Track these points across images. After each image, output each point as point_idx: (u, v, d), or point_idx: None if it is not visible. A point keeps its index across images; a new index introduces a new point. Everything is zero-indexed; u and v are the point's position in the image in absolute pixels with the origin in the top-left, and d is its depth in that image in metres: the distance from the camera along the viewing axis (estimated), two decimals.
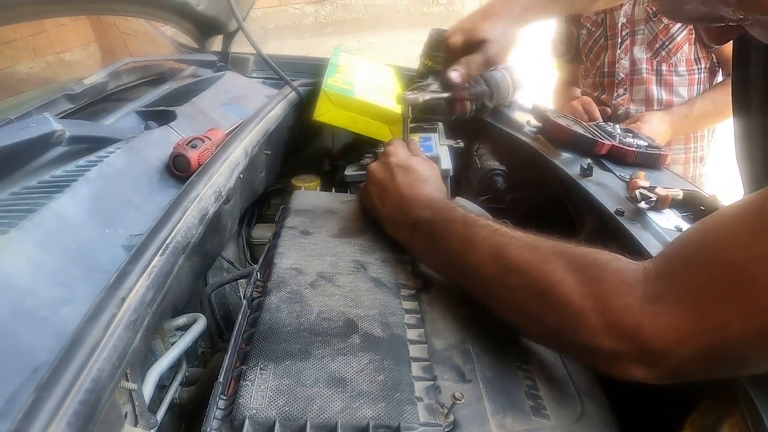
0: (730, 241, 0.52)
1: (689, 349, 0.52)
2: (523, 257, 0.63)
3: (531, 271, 0.61)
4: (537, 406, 0.58)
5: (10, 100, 1.11)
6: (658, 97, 1.76)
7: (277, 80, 1.45)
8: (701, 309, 0.51)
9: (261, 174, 1.16)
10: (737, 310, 0.49)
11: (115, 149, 0.82)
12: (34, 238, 0.60)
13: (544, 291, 0.59)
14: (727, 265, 0.51)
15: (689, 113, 1.73)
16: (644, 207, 0.90)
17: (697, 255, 0.55)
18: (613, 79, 1.80)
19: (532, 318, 0.61)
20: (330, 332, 0.62)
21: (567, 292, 0.58)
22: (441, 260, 0.75)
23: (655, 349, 0.53)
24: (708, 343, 0.51)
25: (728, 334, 0.50)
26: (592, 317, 0.55)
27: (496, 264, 0.65)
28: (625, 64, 1.76)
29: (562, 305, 0.58)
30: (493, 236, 0.68)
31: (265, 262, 0.79)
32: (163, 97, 1.18)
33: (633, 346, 0.54)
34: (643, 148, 1.13)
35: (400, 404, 0.53)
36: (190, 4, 1.40)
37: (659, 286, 0.54)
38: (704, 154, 1.88)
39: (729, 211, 0.57)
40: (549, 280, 0.59)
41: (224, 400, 0.54)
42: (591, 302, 0.56)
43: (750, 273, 0.49)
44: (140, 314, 0.54)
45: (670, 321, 0.52)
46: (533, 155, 1.21)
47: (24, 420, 0.40)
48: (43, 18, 1.22)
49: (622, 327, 0.54)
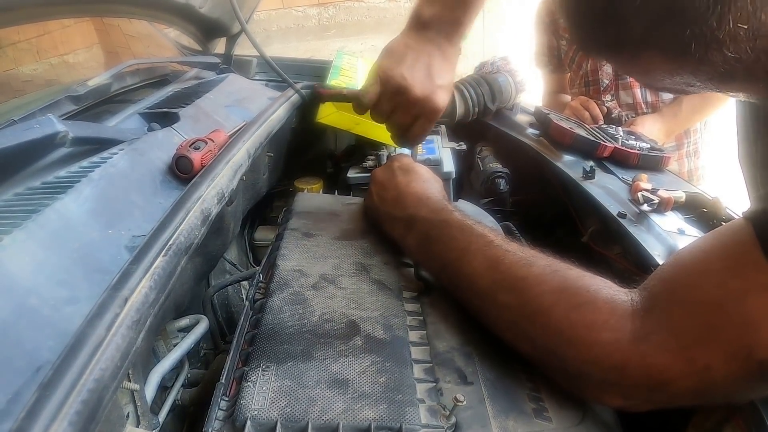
0: (705, 278, 0.53)
1: (677, 388, 0.53)
2: (517, 274, 0.63)
3: (524, 291, 0.61)
4: (539, 408, 0.58)
5: (14, 101, 1.12)
6: (645, 99, 1.76)
7: (280, 83, 1.45)
8: (685, 352, 0.52)
9: (264, 176, 1.16)
10: (718, 352, 0.50)
11: (118, 150, 0.83)
12: (37, 238, 0.60)
13: (535, 314, 0.60)
14: (704, 305, 0.52)
15: (678, 111, 1.74)
16: (647, 209, 0.90)
17: (677, 292, 0.55)
18: (599, 86, 1.81)
19: (522, 338, 0.62)
20: (332, 334, 0.62)
21: (558, 318, 0.58)
22: (435, 264, 0.75)
23: (643, 385, 0.54)
24: (694, 384, 0.52)
25: (713, 376, 0.51)
26: (582, 348, 0.56)
27: (489, 278, 0.65)
28: (608, 69, 1.78)
29: (552, 332, 0.58)
30: (488, 248, 0.68)
31: (267, 264, 0.79)
32: (166, 98, 1.19)
33: (621, 380, 0.55)
34: (646, 151, 1.13)
35: (402, 406, 0.53)
36: (194, 7, 1.41)
37: (646, 326, 0.54)
38: (698, 147, 1.89)
39: (704, 245, 0.57)
40: (541, 303, 0.60)
41: (226, 401, 0.54)
42: (582, 332, 0.56)
43: (725, 312, 0.50)
44: (143, 314, 0.54)
45: (657, 362, 0.53)
46: (536, 158, 1.21)
47: (26, 419, 0.40)
48: (47, 20, 1.22)
49: (611, 362, 0.54)
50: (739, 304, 0.49)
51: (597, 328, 0.56)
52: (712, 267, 0.53)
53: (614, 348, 0.54)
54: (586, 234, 0.99)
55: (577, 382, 0.58)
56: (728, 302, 0.50)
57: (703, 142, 1.89)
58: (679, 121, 1.75)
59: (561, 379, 0.59)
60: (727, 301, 0.50)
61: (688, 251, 0.58)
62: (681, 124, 1.78)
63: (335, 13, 5.35)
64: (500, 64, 1.45)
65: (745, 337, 0.49)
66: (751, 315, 0.49)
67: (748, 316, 0.49)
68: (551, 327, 0.58)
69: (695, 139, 1.87)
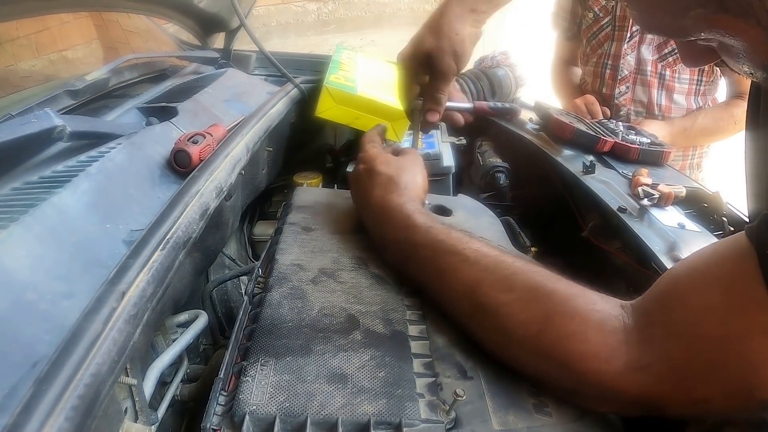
0: (706, 315, 0.51)
1: (675, 411, 0.53)
2: (498, 300, 0.60)
3: (508, 317, 0.59)
4: (539, 403, 0.57)
5: (12, 96, 1.11)
6: (659, 101, 1.73)
7: (279, 77, 1.45)
8: (684, 383, 0.51)
9: (263, 171, 1.16)
10: (717, 388, 0.50)
11: (116, 145, 0.82)
12: (34, 232, 0.60)
13: (524, 340, 0.58)
14: (704, 341, 0.51)
15: (689, 128, 1.71)
16: (647, 204, 0.90)
17: (677, 325, 0.53)
18: (617, 73, 1.75)
19: (513, 359, 0.60)
20: (331, 328, 0.62)
21: (547, 345, 0.57)
22: (415, 282, 0.71)
23: (640, 405, 0.54)
24: (692, 412, 0.53)
25: (711, 407, 0.51)
26: (574, 375, 0.55)
27: (470, 303, 0.63)
28: (631, 60, 1.72)
29: (544, 357, 0.57)
30: (465, 269, 0.64)
31: (266, 259, 0.79)
32: (164, 93, 1.18)
33: (618, 399, 0.55)
34: (646, 145, 1.13)
35: (402, 401, 0.53)
36: (192, 2, 1.41)
37: (642, 356, 0.53)
38: (701, 161, 1.87)
39: (704, 270, 0.54)
40: (527, 330, 0.58)
41: (224, 396, 0.54)
42: (573, 360, 0.55)
43: (725, 352, 0.49)
44: (140, 309, 0.53)
45: (655, 391, 0.52)
46: (536, 152, 1.21)
47: (22, 414, 0.39)
48: (46, 14, 1.22)
49: (606, 389, 0.54)
50: (740, 345, 0.48)
51: (589, 358, 0.55)
52: (713, 301, 0.51)
53: (608, 378, 0.54)
54: (586, 228, 0.99)
55: (572, 398, 0.57)
56: (730, 342, 0.49)
57: (707, 156, 1.87)
58: (687, 136, 1.71)
59: (557, 392, 0.58)
60: (728, 340, 0.49)
61: (686, 274, 0.56)
62: (688, 140, 1.75)
63: (334, 8, 5.34)
64: (500, 58, 1.45)
65: (746, 378, 0.48)
66: (753, 356, 0.48)
67: (750, 357, 0.48)
68: (541, 353, 0.57)
69: (700, 152, 1.85)
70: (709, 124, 1.71)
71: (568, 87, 2.00)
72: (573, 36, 1.94)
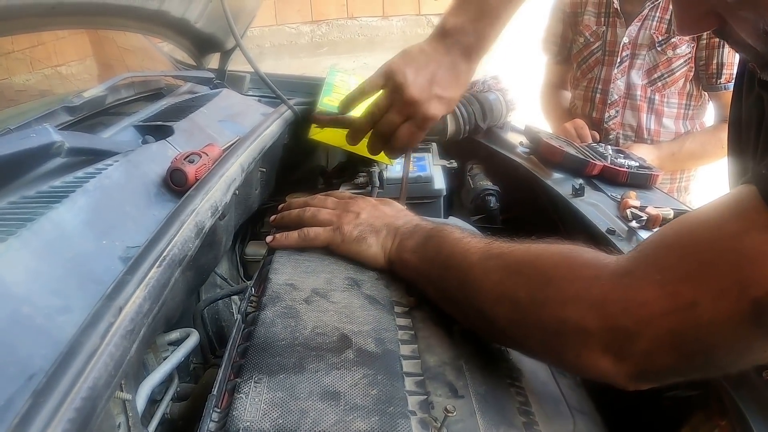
0: (702, 224, 0.52)
1: (657, 330, 0.50)
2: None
3: (512, 253, 0.65)
4: (529, 422, 0.58)
5: (10, 110, 1.12)
6: (648, 126, 1.76)
7: (273, 98, 1.46)
8: (670, 286, 0.50)
9: (256, 191, 1.17)
10: (706, 288, 0.48)
11: (113, 162, 0.83)
12: (31, 247, 0.60)
13: (520, 264, 0.62)
14: (696, 244, 0.51)
15: (677, 152, 1.73)
16: (635, 226, 0.91)
17: (670, 238, 0.55)
18: (606, 97, 1.78)
19: (509, 293, 0.61)
20: (324, 347, 0.63)
21: (544, 264, 0.60)
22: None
23: (622, 326, 0.51)
24: (677, 324, 0.49)
25: (698, 315, 0.48)
26: (563, 285, 0.56)
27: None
28: (620, 85, 1.76)
29: (538, 277, 0.59)
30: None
31: (260, 278, 0.79)
32: (160, 112, 1.19)
33: (600, 324, 0.52)
34: (635, 169, 1.15)
35: (394, 418, 0.53)
36: (189, 21, 1.42)
37: (629, 264, 0.54)
38: (689, 183, 1.89)
39: (704, 206, 0.55)
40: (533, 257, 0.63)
41: (218, 413, 0.55)
42: (563, 271, 0.57)
43: (718, 250, 0.48)
44: (137, 324, 0.54)
45: (638, 296, 0.51)
46: (526, 175, 1.23)
47: (19, 426, 0.40)
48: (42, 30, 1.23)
49: (591, 298, 0.54)
50: (735, 241, 0.47)
51: (578, 265, 0.57)
52: (710, 215, 0.52)
53: (594, 282, 0.54)
54: None
55: (556, 341, 0.56)
56: (723, 240, 0.48)
57: (695, 179, 1.90)
58: (675, 160, 1.74)
59: (539, 345, 0.59)
60: (722, 239, 0.48)
61: (688, 213, 0.59)
62: (675, 164, 1.78)
63: (328, 30, 5.40)
64: (491, 82, 1.47)
65: (739, 273, 0.46)
66: (749, 250, 0.46)
67: (744, 252, 0.46)
68: (536, 275, 0.59)
69: (688, 175, 1.88)
70: (696, 149, 1.74)
71: (558, 111, 2.03)
72: (563, 60, 1.98)
